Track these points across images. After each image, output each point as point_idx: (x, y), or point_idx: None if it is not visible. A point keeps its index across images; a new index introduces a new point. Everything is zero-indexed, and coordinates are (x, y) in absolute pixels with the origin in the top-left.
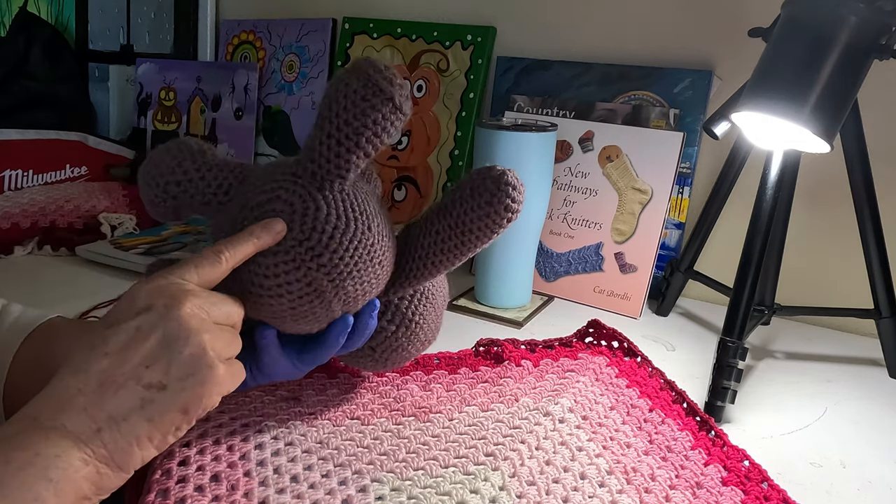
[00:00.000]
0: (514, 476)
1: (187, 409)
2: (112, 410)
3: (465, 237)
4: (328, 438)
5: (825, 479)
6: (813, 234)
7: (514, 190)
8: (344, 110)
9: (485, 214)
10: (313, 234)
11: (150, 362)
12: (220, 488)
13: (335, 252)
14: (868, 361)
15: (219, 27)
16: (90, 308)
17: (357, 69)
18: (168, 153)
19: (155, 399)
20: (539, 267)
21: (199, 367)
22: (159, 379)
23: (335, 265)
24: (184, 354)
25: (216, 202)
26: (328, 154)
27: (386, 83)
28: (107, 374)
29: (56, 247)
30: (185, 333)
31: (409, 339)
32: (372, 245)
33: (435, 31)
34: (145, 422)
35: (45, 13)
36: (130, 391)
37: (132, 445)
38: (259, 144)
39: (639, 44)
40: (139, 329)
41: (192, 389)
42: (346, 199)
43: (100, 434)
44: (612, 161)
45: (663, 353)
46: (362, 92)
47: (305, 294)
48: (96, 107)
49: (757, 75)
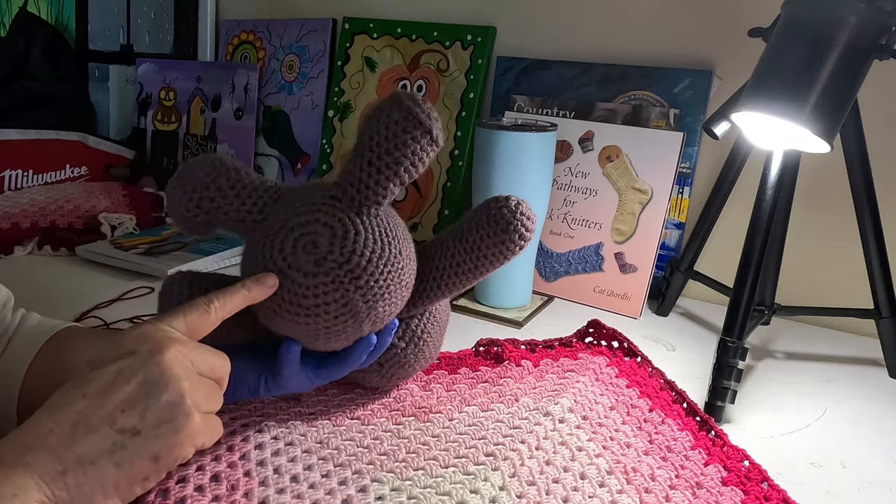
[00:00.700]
0: (514, 476)
1: (158, 458)
2: (80, 452)
3: (479, 262)
4: (328, 438)
5: (825, 479)
6: (813, 234)
7: (528, 220)
8: (385, 140)
9: (500, 241)
10: (353, 258)
11: (127, 406)
12: (220, 488)
13: (371, 275)
14: (868, 361)
15: (219, 27)
16: (90, 308)
17: (397, 101)
18: (202, 169)
19: (126, 444)
20: (539, 267)
21: (176, 415)
22: (133, 424)
23: (370, 287)
24: (161, 401)
25: (250, 220)
26: (368, 181)
27: (425, 116)
28: (81, 416)
29: (56, 247)
30: (166, 379)
31: (416, 356)
32: (402, 268)
33: (435, 31)
34: (113, 467)
35: (45, 13)
36: (102, 434)
37: (96, 492)
38: (259, 144)
39: (639, 44)
40: (120, 372)
41: (166, 437)
42: (381, 223)
43: (64, 477)
44: (612, 161)
45: (663, 353)
46: (403, 124)
47: (341, 314)
48: (96, 107)
49: (757, 75)
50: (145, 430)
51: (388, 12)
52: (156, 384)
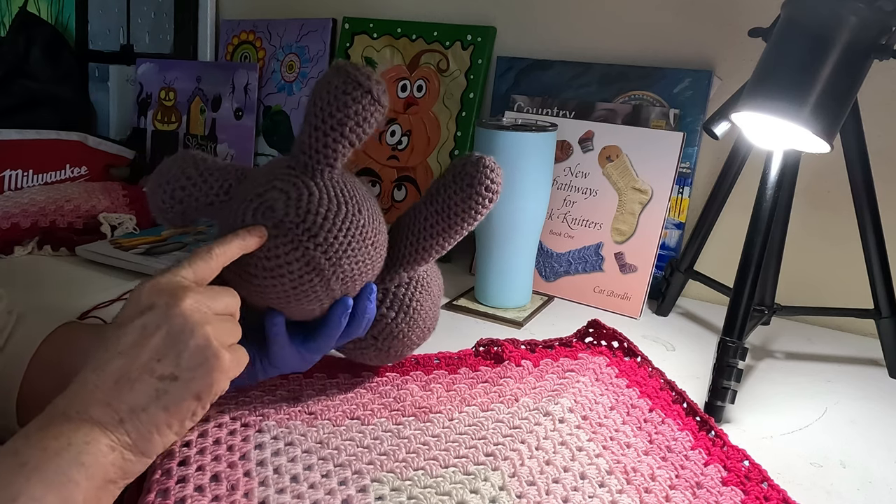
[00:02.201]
0: (514, 476)
1: (200, 396)
2: (131, 403)
3: (451, 220)
4: (328, 438)
5: (825, 479)
6: (813, 234)
7: (492, 172)
8: (327, 104)
9: (467, 196)
10: (308, 217)
11: (161, 356)
12: (220, 488)
13: (329, 231)
14: (868, 361)
15: (219, 27)
16: (90, 308)
17: (337, 68)
18: (174, 164)
19: (169, 389)
20: (539, 267)
21: (207, 357)
22: (171, 371)
23: (331, 244)
24: (190, 346)
25: (219, 202)
26: (316, 145)
27: (364, 78)
28: (121, 371)
29: (56, 247)
30: (190, 327)
31: (409, 326)
32: (363, 226)
33: (435, 31)
34: (162, 411)
35: (45, 13)
36: (145, 384)
37: (153, 433)
38: (259, 144)
39: (639, 44)
40: (145, 327)
41: (203, 378)
42: (336, 185)
43: (123, 424)
44: (612, 161)
45: (663, 353)
46: (342, 87)
47: (305, 273)
48: (96, 107)
49: (757, 75)
50: (182, 374)
51: (388, 12)
52: (181, 332)
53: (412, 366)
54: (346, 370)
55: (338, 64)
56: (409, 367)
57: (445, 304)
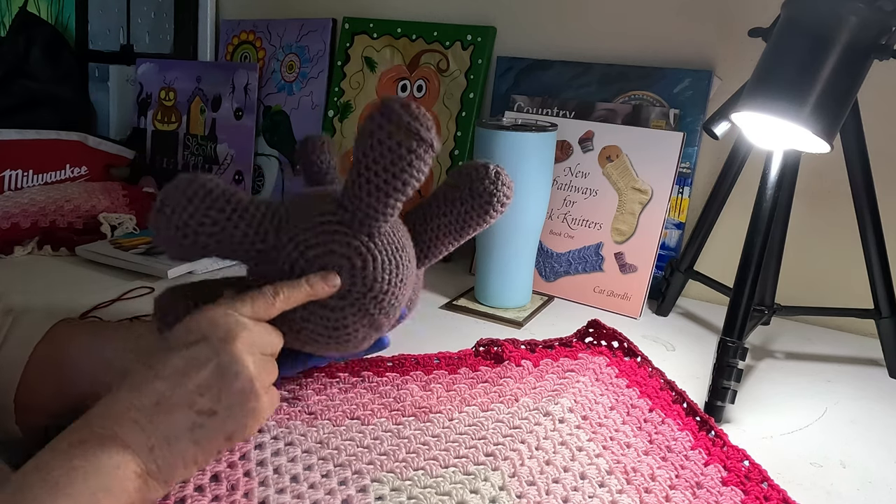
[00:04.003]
0: (514, 476)
1: (231, 436)
2: (166, 431)
3: (462, 231)
4: (328, 438)
5: (825, 479)
6: (813, 234)
7: (508, 188)
8: (381, 157)
9: (484, 212)
10: (375, 285)
11: (204, 390)
12: (220, 488)
13: (391, 293)
14: (868, 361)
15: (219, 27)
16: (90, 308)
17: (389, 112)
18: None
19: (205, 424)
20: (539, 267)
21: (248, 399)
22: (210, 406)
23: (391, 303)
24: (234, 387)
25: (255, 251)
26: (371, 202)
27: (419, 125)
28: (162, 396)
29: (56, 247)
30: (238, 368)
31: None
32: (410, 274)
33: (435, 31)
34: (192, 444)
35: (45, 13)
36: (183, 414)
37: (178, 464)
38: (259, 144)
39: (639, 44)
40: (195, 358)
41: (239, 419)
42: (391, 241)
43: (153, 451)
44: (612, 161)
45: (663, 353)
46: (398, 137)
47: (362, 328)
48: (96, 107)
49: (757, 75)
50: (220, 412)
51: (388, 12)
52: (228, 371)
53: (412, 366)
54: (345, 370)
55: (389, 106)
56: (409, 367)
57: (445, 304)
